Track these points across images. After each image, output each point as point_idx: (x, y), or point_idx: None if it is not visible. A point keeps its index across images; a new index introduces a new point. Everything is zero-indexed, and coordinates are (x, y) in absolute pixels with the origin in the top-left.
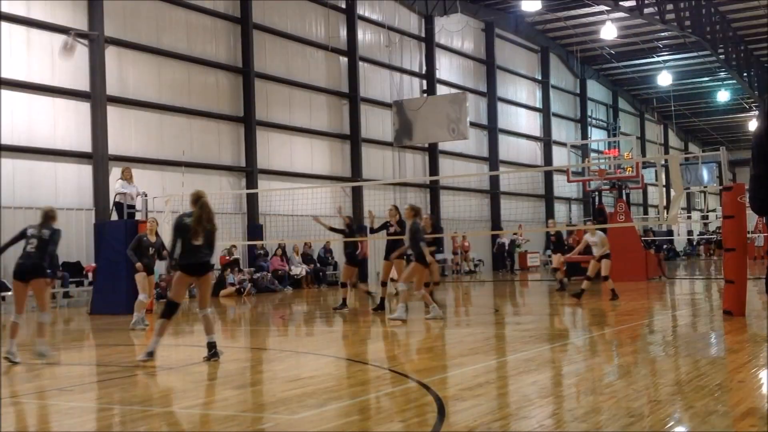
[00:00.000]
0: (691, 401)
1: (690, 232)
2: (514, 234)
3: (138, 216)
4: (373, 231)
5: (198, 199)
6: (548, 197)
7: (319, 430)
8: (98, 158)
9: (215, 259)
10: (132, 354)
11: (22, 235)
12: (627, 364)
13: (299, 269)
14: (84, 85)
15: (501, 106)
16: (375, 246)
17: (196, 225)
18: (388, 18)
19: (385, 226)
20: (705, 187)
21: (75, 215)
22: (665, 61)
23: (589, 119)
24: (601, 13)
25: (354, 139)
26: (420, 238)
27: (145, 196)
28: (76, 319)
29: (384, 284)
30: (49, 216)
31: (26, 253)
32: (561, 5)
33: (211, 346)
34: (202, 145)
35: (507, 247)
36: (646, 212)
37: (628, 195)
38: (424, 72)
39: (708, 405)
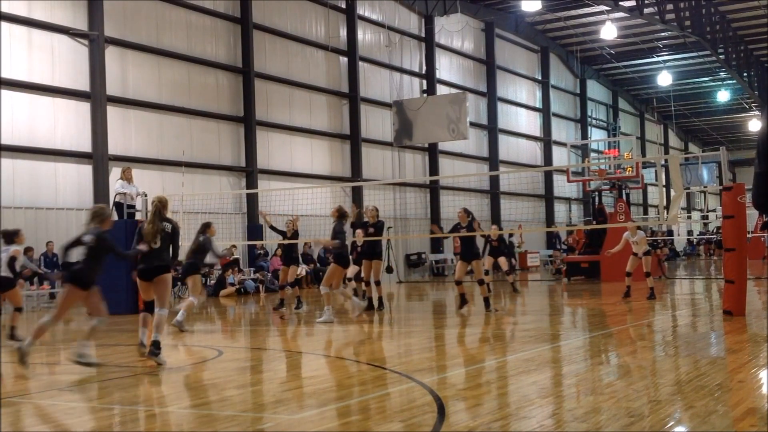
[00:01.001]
0: (691, 401)
1: (690, 232)
2: (511, 234)
3: (138, 216)
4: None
5: (153, 203)
6: (548, 197)
7: (319, 430)
8: (98, 158)
9: (214, 259)
10: (131, 354)
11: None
12: (627, 364)
13: (299, 269)
14: (84, 85)
15: (501, 106)
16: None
17: (149, 227)
18: (388, 18)
19: (364, 225)
20: (705, 187)
21: (75, 215)
22: (665, 61)
23: (589, 119)
24: (601, 13)
25: (354, 139)
26: (341, 239)
27: (145, 196)
28: (75, 319)
29: (367, 283)
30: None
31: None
32: (561, 5)
33: (155, 344)
34: (202, 145)
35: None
36: (646, 212)
37: (628, 195)
38: (424, 72)
39: (708, 405)
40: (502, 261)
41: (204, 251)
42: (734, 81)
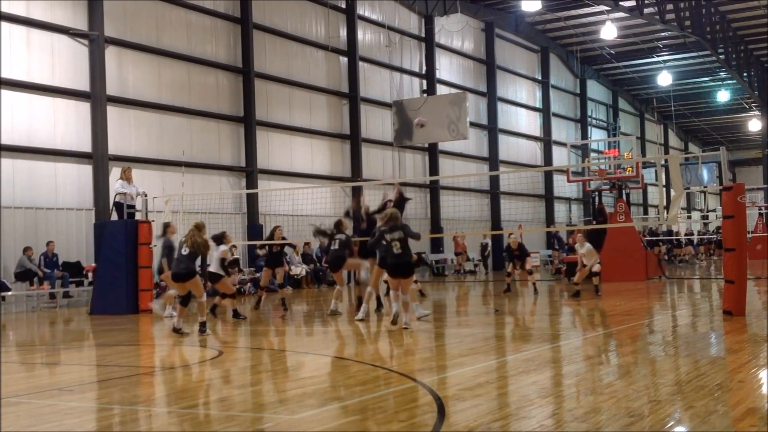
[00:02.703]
0: (691, 401)
1: (691, 233)
2: (511, 234)
3: (138, 216)
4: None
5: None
6: (548, 197)
7: (319, 430)
8: (98, 158)
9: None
10: (131, 354)
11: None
12: (627, 364)
13: (299, 269)
14: (84, 85)
15: (501, 106)
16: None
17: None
18: (388, 18)
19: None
20: (705, 187)
21: (75, 215)
22: (665, 61)
23: (589, 119)
24: (601, 13)
25: (354, 139)
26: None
27: (145, 196)
28: (76, 319)
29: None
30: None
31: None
32: (561, 5)
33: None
34: (202, 145)
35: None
36: (646, 212)
37: (628, 195)
38: (424, 72)
39: (708, 405)
40: (528, 261)
41: (171, 251)
42: (734, 81)
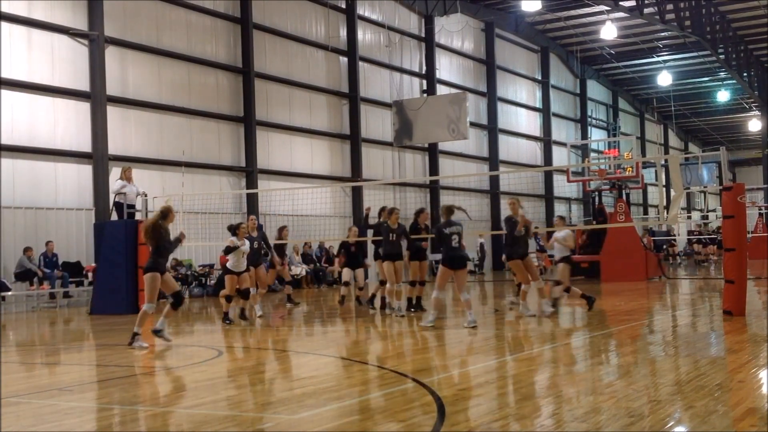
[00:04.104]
0: (691, 401)
1: (691, 233)
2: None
3: (138, 216)
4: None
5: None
6: (548, 197)
7: (319, 430)
8: (98, 158)
9: (215, 259)
10: (131, 354)
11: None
12: (627, 364)
13: (299, 269)
14: (84, 85)
15: (501, 106)
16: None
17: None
18: (388, 18)
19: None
20: (705, 187)
21: (75, 215)
22: (665, 61)
23: (589, 119)
24: (601, 13)
25: (354, 139)
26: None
27: (145, 196)
28: (76, 319)
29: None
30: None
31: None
32: (561, 5)
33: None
34: (202, 145)
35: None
36: (646, 212)
37: (628, 195)
38: (424, 72)
39: (708, 405)
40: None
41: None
42: (734, 81)
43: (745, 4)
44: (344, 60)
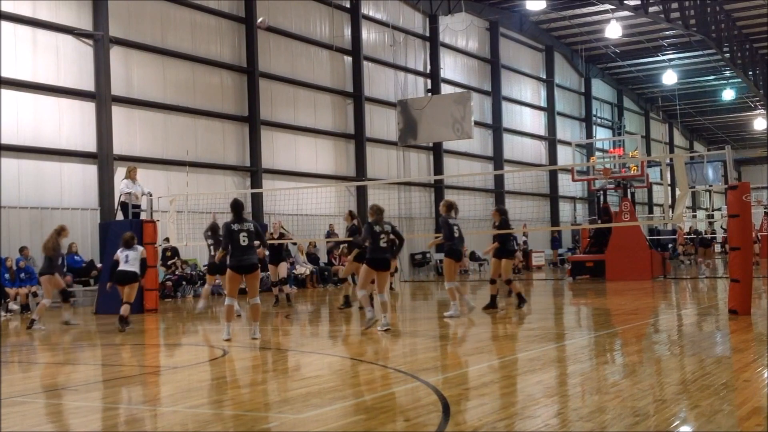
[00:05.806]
0: (696, 400)
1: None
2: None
3: (143, 216)
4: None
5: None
6: (553, 196)
7: (323, 429)
8: (103, 158)
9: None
10: (136, 354)
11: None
12: (632, 364)
13: (304, 269)
14: (89, 85)
15: (506, 105)
16: None
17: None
18: (392, 17)
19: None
20: (710, 186)
21: (80, 215)
22: (670, 60)
23: (593, 118)
24: (605, 11)
25: (358, 138)
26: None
27: (150, 195)
28: (81, 318)
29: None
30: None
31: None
32: (566, 4)
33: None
34: (207, 144)
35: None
36: (651, 211)
37: (633, 194)
38: (428, 71)
39: (713, 404)
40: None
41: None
42: (739, 80)
43: (751, 2)
44: (348, 59)
